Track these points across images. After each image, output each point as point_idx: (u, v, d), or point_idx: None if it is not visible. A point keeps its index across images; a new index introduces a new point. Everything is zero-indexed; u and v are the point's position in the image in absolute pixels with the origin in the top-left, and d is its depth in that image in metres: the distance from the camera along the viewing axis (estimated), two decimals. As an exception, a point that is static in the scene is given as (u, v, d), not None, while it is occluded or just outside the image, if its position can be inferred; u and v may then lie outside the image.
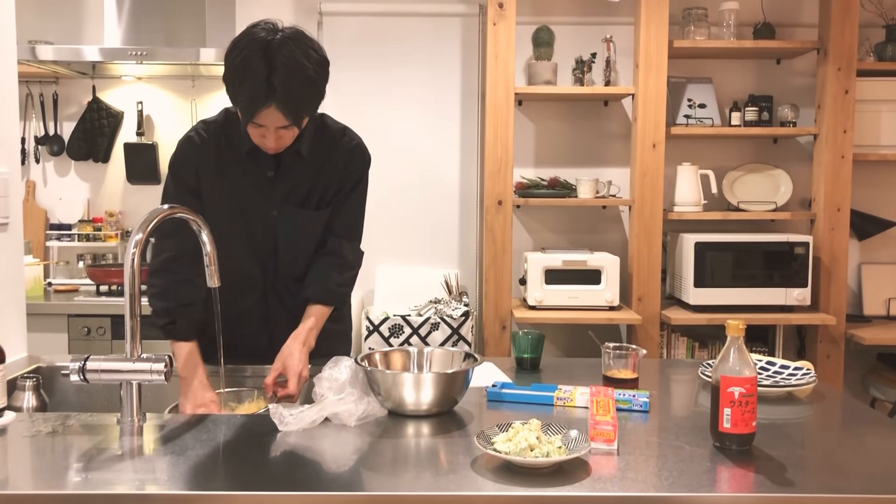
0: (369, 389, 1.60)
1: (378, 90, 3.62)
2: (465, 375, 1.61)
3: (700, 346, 3.41)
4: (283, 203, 1.95)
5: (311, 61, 1.75)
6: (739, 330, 1.43)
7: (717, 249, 3.27)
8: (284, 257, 2.00)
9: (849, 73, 3.28)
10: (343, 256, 2.04)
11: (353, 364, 1.61)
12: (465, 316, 3.28)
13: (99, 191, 3.65)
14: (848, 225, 3.34)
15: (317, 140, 1.95)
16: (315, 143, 1.94)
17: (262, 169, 1.92)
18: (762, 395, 1.73)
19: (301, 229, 2.00)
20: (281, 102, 1.70)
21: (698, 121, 3.43)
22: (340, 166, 1.99)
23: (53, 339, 3.07)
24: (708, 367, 1.90)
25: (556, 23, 3.55)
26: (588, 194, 3.41)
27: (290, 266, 2.01)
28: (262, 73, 1.68)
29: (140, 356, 1.54)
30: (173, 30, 3.28)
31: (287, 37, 1.74)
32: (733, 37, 3.37)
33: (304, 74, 1.73)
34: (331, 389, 1.54)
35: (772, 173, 3.51)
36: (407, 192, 3.65)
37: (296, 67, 1.71)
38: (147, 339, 1.58)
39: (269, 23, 1.77)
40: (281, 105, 1.70)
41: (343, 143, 1.99)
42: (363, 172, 2.05)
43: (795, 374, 1.85)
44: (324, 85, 1.82)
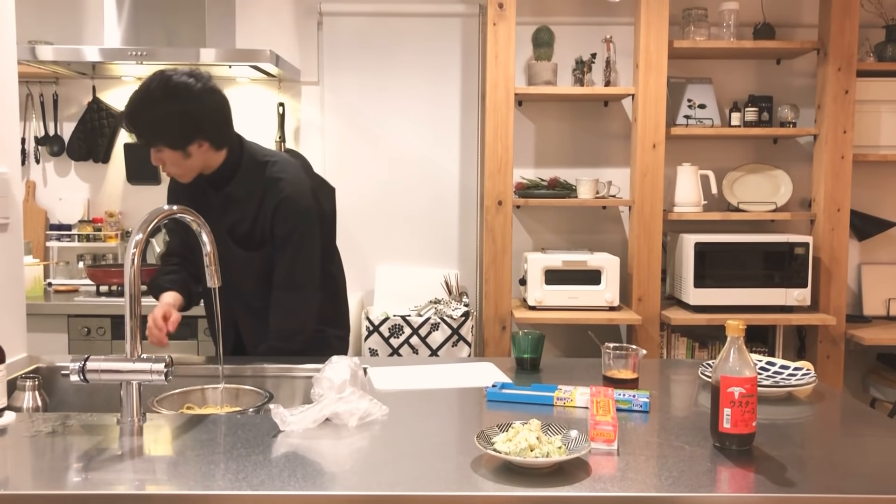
0: (369, 388, 1.60)
1: (378, 90, 3.62)
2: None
3: (700, 347, 3.41)
4: (225, 238, 2.02)
5: (158, 86, 1.86)
6: (739, 330, 1.43)
7: (716, 250, 3.27)
8: (237, 286, 2.05)
9: (849, 74, 3.28)
10: (279, 307, 2.04)
11: (353, 363, 1.61)
12: (465, 316, 3.28)
13: (99, 191, 3.65)
14: (848, 225, 3.34)
15: (252, 180, 2.01)
16: (250, 183, 2.01)
17: (212, 201, 2.03)
18: (762, 396, 1.73)
19: (240, 266, 2.04)
20: (128, 126, 1.91)
21: (698, 121, 3.43)
22: (270, 214, 2.00)
23: (53, 340, 3.07)
24: (708, 367, 1.90)
25: (556, 23, 3.55)
26: (588, 195, 3.41)
27: (244, 295, 2.07)
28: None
29: (140, 356, 1.54)
30: (173, 30, 3.28)
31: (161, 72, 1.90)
32: (733, 37, 3.37)
33: (147, 98, 1.86)
34: (331, 389, 1.54)
35: (772, 174, 3.51)
36: (407, 192, 3.65)
37: (140, 92, 1.87)
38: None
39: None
40: (128, 128, 1.91)
41: (273, 190, 2.00)
42: (294, 225, 2.00)
43: (795, 375, 1.85)
44: (174, 110, 1.87)
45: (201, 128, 1.92)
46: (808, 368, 1.86)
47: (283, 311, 2.04)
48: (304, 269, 2.04)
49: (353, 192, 3.65)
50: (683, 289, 3.34)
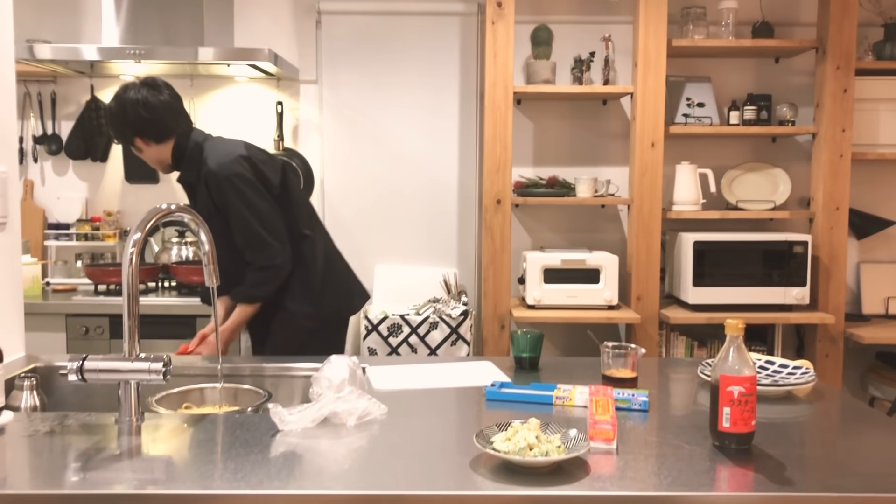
0: (368, 388, 1.60)
1: (376, 89, 3.62)
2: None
3: (699, 345, 3.41)
4: (202, 214, 2.30)
5: (117, 96, 2.30)
6: (739, 329, 1.42)
7: (715, 248, 3.27)
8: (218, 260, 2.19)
9: (847, 72, 3.28)
10: (250, 264, 2.35)
11: (352, 363, 1.61)
12: (463, 315, 3.28)
13: (97, 190, 3.65)
14: (847, 224, 3.34)
15: (193, 165, 2.36)
16: (192, 168, 2.36)
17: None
18: (761, 395, 1.73)
19: (215, 237, 2.23)
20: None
21: (697, 120, 3.43)
22: (205, 188, 2.33)
23: (52, 339, 3.07)
24: (707, 366, 1.90)
25: (555, 21, 3.55)
26: (587, 193, 3.41)
27: (223, 263, 2.19)
28: None
29: (138, 356, 1.53)
30: (172, 28, 3.27)
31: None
32: (732, 36, 3.37)
33: (111, 104, 2.31)
34: (330, 388, 1.54)
35: (770, 172, 3.51)
36: (406, 191, 3.65)
37: (111, 100, 2.32)
38: (146, 338, 1.58)
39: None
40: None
41: (203, 167, 2.32)
42: (225, 192, 2.29)
43: (795, 374, 1.85)
44: (111, 114, 2.32)
45: (136, 127, 2.31)
46: (808, 367, 1.86)
47: (251, 267, 2.34)
48: (243, 229, 2.31)
49: (351, 190, 3.65)
50: (682, 287, 3.34)
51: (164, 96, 2.33)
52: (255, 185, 2.31)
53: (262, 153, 2.45)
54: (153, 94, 2.30)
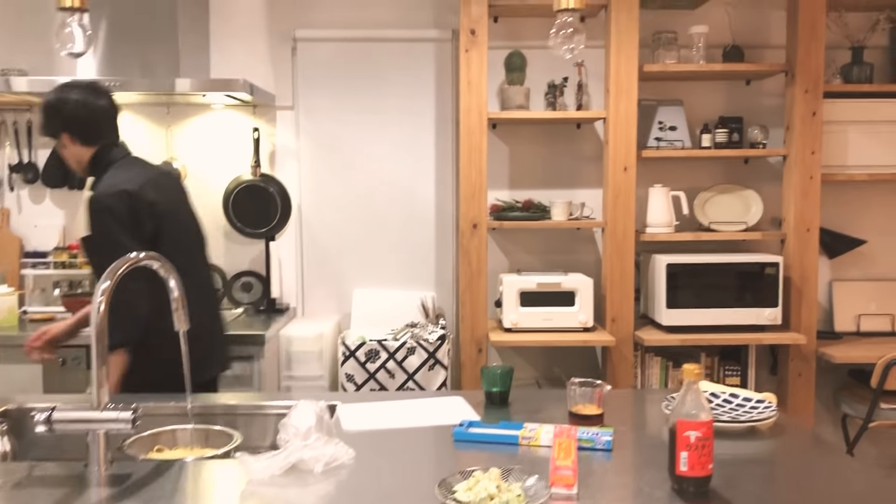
0: (335, 433, 1.62)
1: (353, 115, 3.64)
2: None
3: (674, 366, 3.45)
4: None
5: (58, 90, 2.36)
6: (695, 374, 1.45)
7: (688, 270, 3.31)
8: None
9: (816, 95, 3.33)
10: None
11: (319, 408, 1.63)
12: (440, 340, 3.30)
13: (74, 218, 3.65)
14: (817, 245, 3.39)
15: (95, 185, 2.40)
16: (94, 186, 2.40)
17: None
18: (723, 430, 1.76)
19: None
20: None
21: (669, 143, 3.47)
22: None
23: (28, 370, 3.06)
24: (671, 400, 1.93)
25: (529, 47, 3.58)
26: (561, 216, 3.44)
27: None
28: None
29: (107, 404, 1.55)
30: (148, 59, 3.28)
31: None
32: (703, 59, 3.42)
33: (50, 96, 2.35)
34: (296, 435, 1.56)
35: (742, 194, 3.56)
36: (383, 216, 3.67)
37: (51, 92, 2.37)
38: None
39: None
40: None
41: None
42: (92, 220, 2.31)
43: (757, 408, 1.88)
44: (58, 108, 2.34)
45: (68, 123, 2.34)
46: (771, 401, 1.89)
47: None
48: (102, 260, 2.00)
49: (328, 215, 3.67)
50: (656, 309, 3.38)
51: (104, 102, 2.38)
52: (124, 222, 2.25)
53: (160, 195, 2.35)
54: (94, 97, 2.36)
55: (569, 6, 1.55)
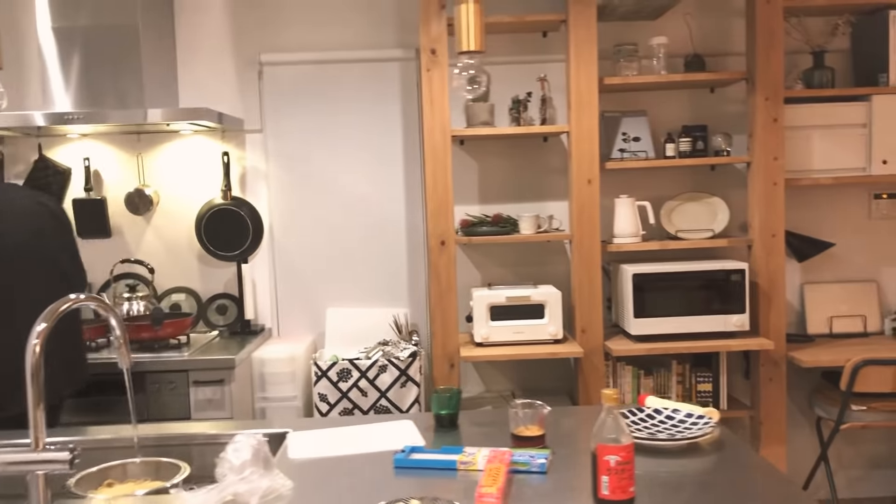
0: (272, 466, 1.65)
1: (321, 135, 3.68)
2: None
3: (645, 374, 3.47)
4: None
5: None
6: (613, 399, 1.48)
7: (654, 280, 3.34)
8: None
9: (776, 102, 3.36)
10: None
11: (257, 441, 1.66)
12: (412, 356, 3.33)
13: (50, 247, 3.69)
14: (783, 250, 3.41)
15: None
16: None
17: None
18: (660, 448, 1.79)
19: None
20: None
21: (633, 154, 3.50)
22: None
23: (3, 401, 3.10)
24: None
25: (493, 63, 3.62)
26: (529, 230, 3.47)
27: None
28: None
29: (45, 445, 1.58)
30: (115, 89, 3.32)
31: None
32: (664, 70, 3.45)
33: None
34: (232, 470, 1.59)
35: (708, 201, 3.58)
36: (354, 234, 3.71)
37: None
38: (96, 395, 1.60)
39: None
40: None
41: None
42: None
43: (697, 424, 1.91)
44: None
45: None
46: (711, 417, 1.92)
47: None
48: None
49: (299, 236, 3.71)
50: (625, 319, 3.41)
51: None
52: None
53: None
54: None
55: (469, 48, 1.58)
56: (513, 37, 3.65)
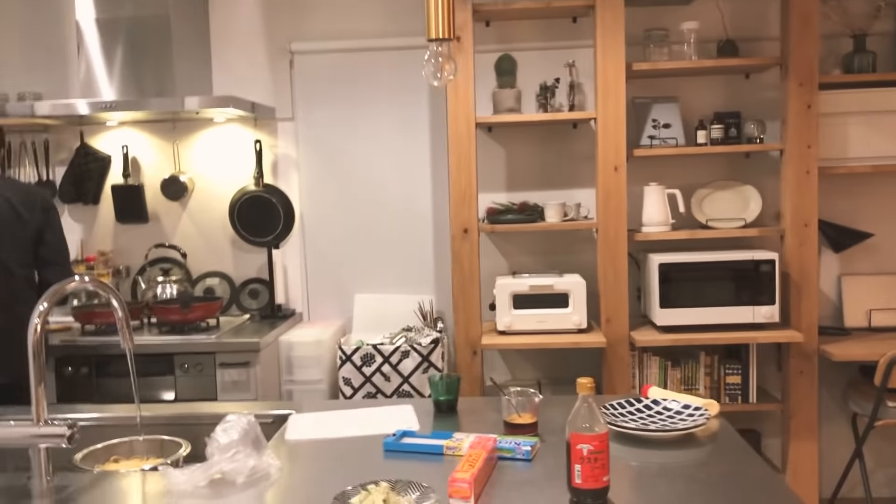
0: (262, 446, 1.70)
1: (350, 123, 3.72)
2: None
3: (672, 365, 3.42)
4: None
5: None
6: (588, 388, 1.48)
7: (680, 270, 3.29)
8: None
9: (811, 88, 3.26)
10: None
11: (247, 422, 1.71)
12: (434, 343, 3.35)
13: (91, 231, 3.83)
14: (816, 240, 3.31)
15: None
16: None
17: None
18: (652, 439, 1.78)
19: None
20: None
21: (662, 141, 3.44)
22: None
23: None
24: (609, 409, 1.94)
25: (521, 49, 3.60)
26: (555, 218, 3.45)
27: None
28: None
29: (46, 420, 1.66)
30: (153, 79, 3.39)
31: None
32: (695, 55, 3.38)
33: None
34: (219, 449, 1.64)
35: (741, 189, 3.50)
36: (382, 221, 3.74)
37: None
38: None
39: None
40: None
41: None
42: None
43: (693, 416, 1.88)
44: None
45: None
46: (707, 409, 1.89)
47: None
48: None
49: (329, 223, 3.76)
50: (652, 309, 3.36)
51: None
52: None
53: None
54: None
55: (439, 36, 1.57)
56: (543, 23, 3.62)
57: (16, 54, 3.76)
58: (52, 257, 2.84)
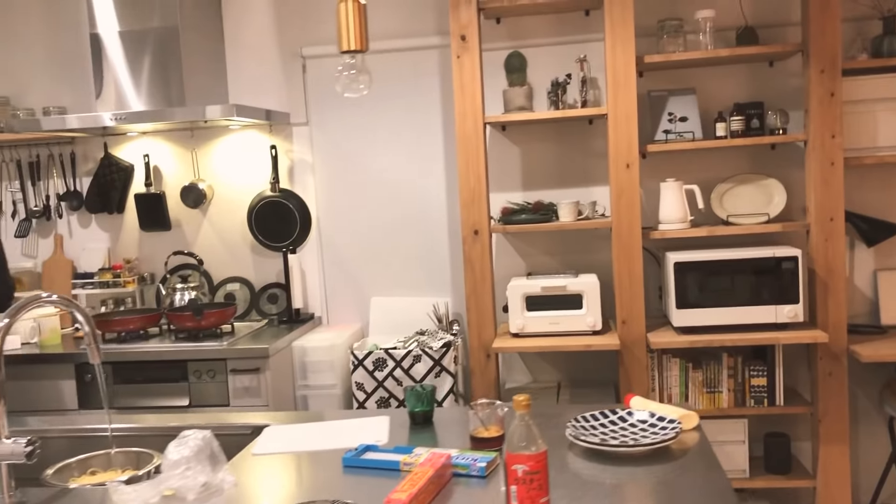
0: (218, 461, 1.69)
1: (363, 126, 3.71)
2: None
3: (693, 367, 3.31)
4: None
5: None
6: (524, 406, 1.42)
7: (698, 268, 3.16)
8: None
9: (833, 75, 3.09)
10: None
11: (203, 438, 1.71)
12: (445, 346, 3.32)
13: (117, 240, 3.92)
14: (843, 235, 3.15)
15: None
16: None
17: None
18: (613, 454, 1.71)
19: None
20: None
21: (678, 135, 3.32)
22: None
23: (65, 386, 3.33)
24: (577, 422, 1.87)
25: (532, 45, 3.53)
26: (568, 217, 3.37)
27: None
28: None
29: (5, 437, 1.69)
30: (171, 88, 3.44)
31: None
32: (711, 45, 3.25)
33: None
34: (171, 465, 1.64)
35: (764, 183, 3.35)
36: (397, 223, 3.72)
37: None
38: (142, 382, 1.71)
39: None
40: None
41: None
42: None
43: (666, 429, 1.80)
44: None
45: None
46: (682, 421, 1.81)
47: None
48: None
49: (345, 226, 3.76)
50: (669, 309, 3.25)
51: None
52: None
53: None
54: None
55: (350, 48, 1.53)
56: (555, 17, 3.53)
57: (38, 69, 3.87)
58: None
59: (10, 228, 3.96)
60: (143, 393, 3.28)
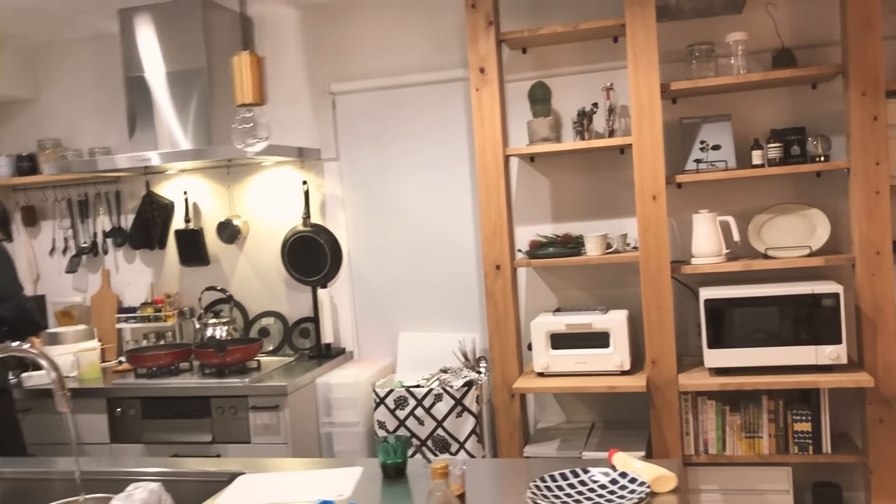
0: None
1: (392, 160, 3.68)
2: None
3: (731, 410, 3.10)
4: None
5: None
6: (440, 474, 1.34)
7: (731, 305, 2.98)
8: None
9: (876, 98, 2.87)
10: None
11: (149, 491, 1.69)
12: (467, 385, 3.23)
13: (160, 275, 4.02)
14: (892, 270, 2.90)
15: None
16: None
17: None
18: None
19: None
20: None
21: (710, 164, 3.15)
22: None
23: (98, 420, 3.41)
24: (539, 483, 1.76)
25: (560, 74, 3.43)
26: (595, 251, 3.24)
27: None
28: None
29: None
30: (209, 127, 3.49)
31: None
32: (744, 69, 3.07)
33: None
34: (113, 520, 1.63)
35: (806, 213, 3.13)
36: (426, 258, 3.67)
37: None
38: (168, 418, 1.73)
39: None
40: None
41: None
42: None
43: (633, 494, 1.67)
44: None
45: None
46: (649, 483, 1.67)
47: None
48: None
49: (375, 260, 3.74)
50: (704, 348, 3.07)
51: None
52: None
53: None
54: None
55: (245, 101, 1.48)
56: (582, 45, 3.43)
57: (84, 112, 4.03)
58: (1, 292, 3.05)
59: (61, 264, 4.12)
60: (169, 428, 3.33)
